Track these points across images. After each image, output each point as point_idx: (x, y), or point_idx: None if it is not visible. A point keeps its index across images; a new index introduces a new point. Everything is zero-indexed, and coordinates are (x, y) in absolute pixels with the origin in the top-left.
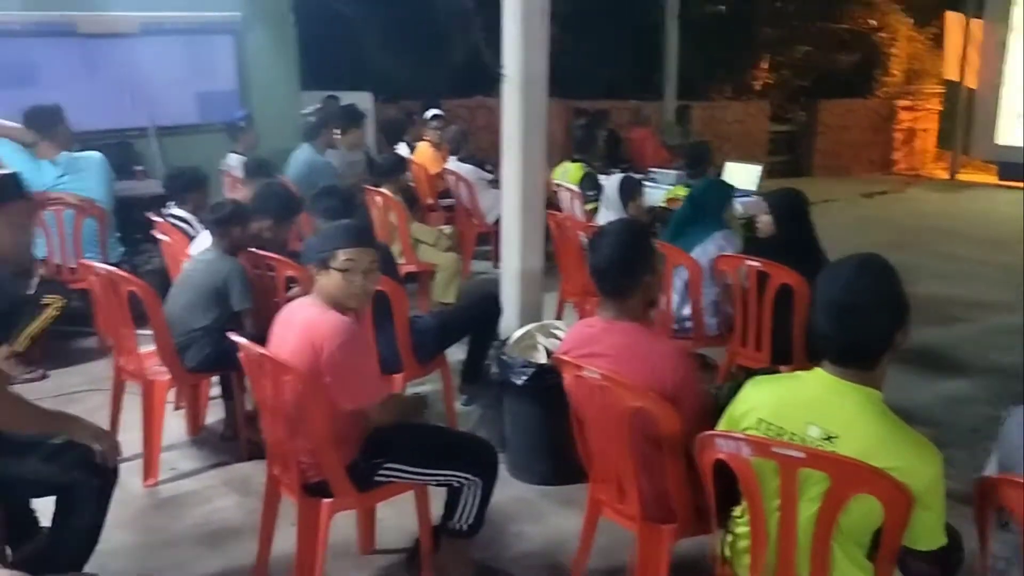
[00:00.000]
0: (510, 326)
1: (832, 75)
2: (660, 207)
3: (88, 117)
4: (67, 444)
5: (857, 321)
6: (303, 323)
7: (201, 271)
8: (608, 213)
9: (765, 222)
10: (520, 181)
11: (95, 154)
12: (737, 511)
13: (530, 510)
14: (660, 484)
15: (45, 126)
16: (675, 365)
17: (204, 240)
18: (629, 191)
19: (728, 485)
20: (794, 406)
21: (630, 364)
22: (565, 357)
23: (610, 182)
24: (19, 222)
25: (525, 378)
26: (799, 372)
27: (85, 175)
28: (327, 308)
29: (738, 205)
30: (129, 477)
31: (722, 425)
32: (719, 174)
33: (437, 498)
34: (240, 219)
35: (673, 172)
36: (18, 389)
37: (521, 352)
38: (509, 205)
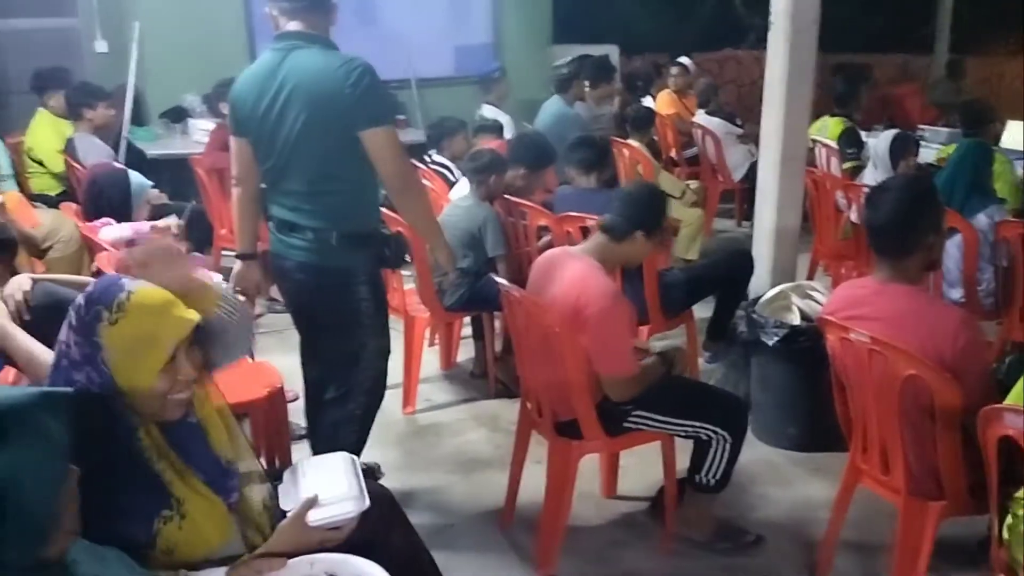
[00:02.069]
0: (761, 285)
1: None
2: (932, 165)
3: None
4: None
5: None
6: (570, 277)
7: (458, 216)
8: (875, 172)
9: None
10: (781, 134)
11: None
12: (1021, 492)
13: (777, 474)
14: (930, 458)
15: None
16: (956, 333)
17: (463, 186)
18: (902, 149)
19: (1009, 464)
20: None
21: (904, 329)
22: (830, 318)
23: (880, 139)
24: None
25: (777, 339)
26: None
27: None
28: (598, 269)
29: (1019, 168)
30: (390, 403)
31: (1010, 399)
32: (999, 135)
33: (683, 451)
34: (497, 168)
35: (944, 130)
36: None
37: (772, 312)
38: (767, 159)
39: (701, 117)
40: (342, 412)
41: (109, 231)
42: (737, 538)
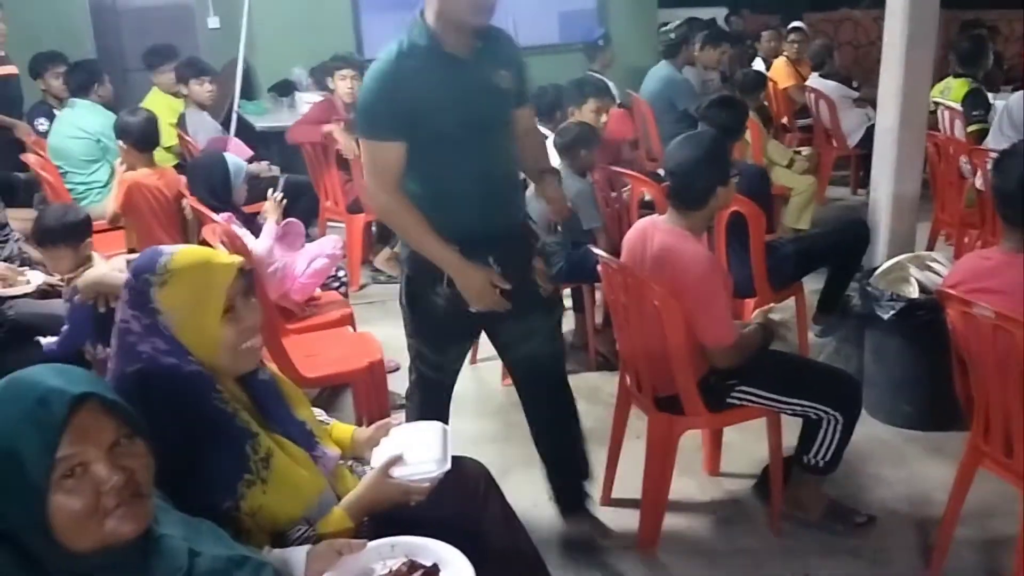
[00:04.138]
0: (877, 256)
1: None
2: None
3: None
4: None
5: None
6: (662, 247)
7: None
8: (1002, 136)
9: None
10: (900, 96)
11: None
12: None
13: (891, 453)
14: None
15: None
16: None
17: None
18: None
19: None
20: None
21: None
22: (951, 291)
23: (1010, 101)
24: None
25: (893, 312)
26: None
27: None
28: (688, 236)
29: None
30: (491, 375)
31: None
32: None
33: (789, 428)
34: (585, 142)
35: None
36: (395, 288)
37: (889, 285)
38: (885, 123)
39: (815, 80)
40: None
41: (260, 245)
42: (848, 519)
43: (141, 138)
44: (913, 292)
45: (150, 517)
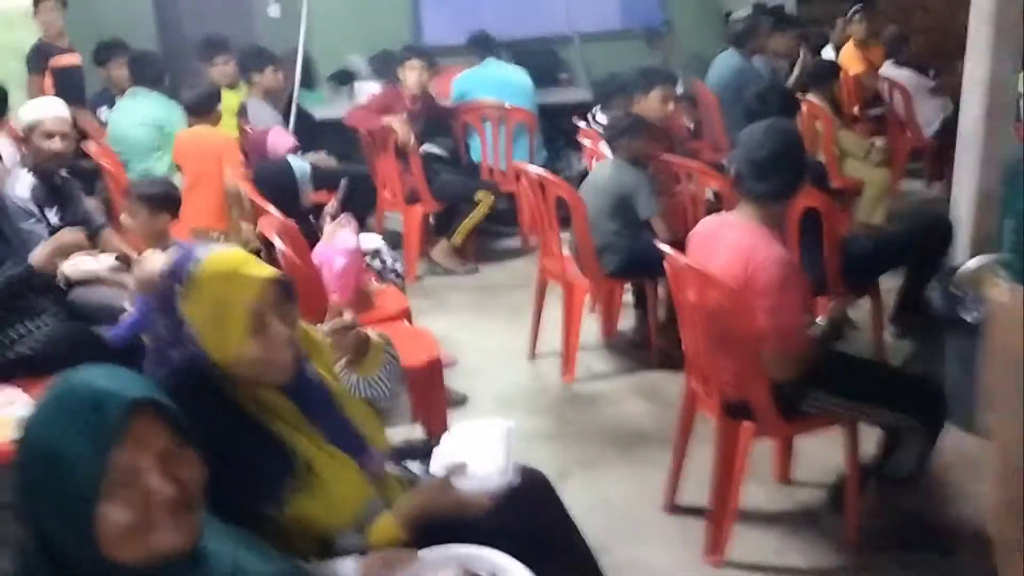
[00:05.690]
0: (959, 254)
1: None
2: None
3: (516, 26)
4: None
5: None
6: (735, 245)
7: (604, 178)
8: None
9: None
10: (987, 83)
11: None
12: None
13: (975, 466)
14: None
15: None
16: None
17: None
18: None
19: None
20: None
21: None
22: None
23: None
24: None
25: (978, 315)
26: None
27: (513, 85)
28: (764, 233)
29: None
30: (549, 371)
31: None
32: None
33: (866, 435)
34: (636, 131)
35: None
36: (451, 280)
37: (973, 285)
38: (969, 112)
39: (889, 68)
40: None
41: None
42: (927, 534)
43: (192, 104)
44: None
45: (200, 531)
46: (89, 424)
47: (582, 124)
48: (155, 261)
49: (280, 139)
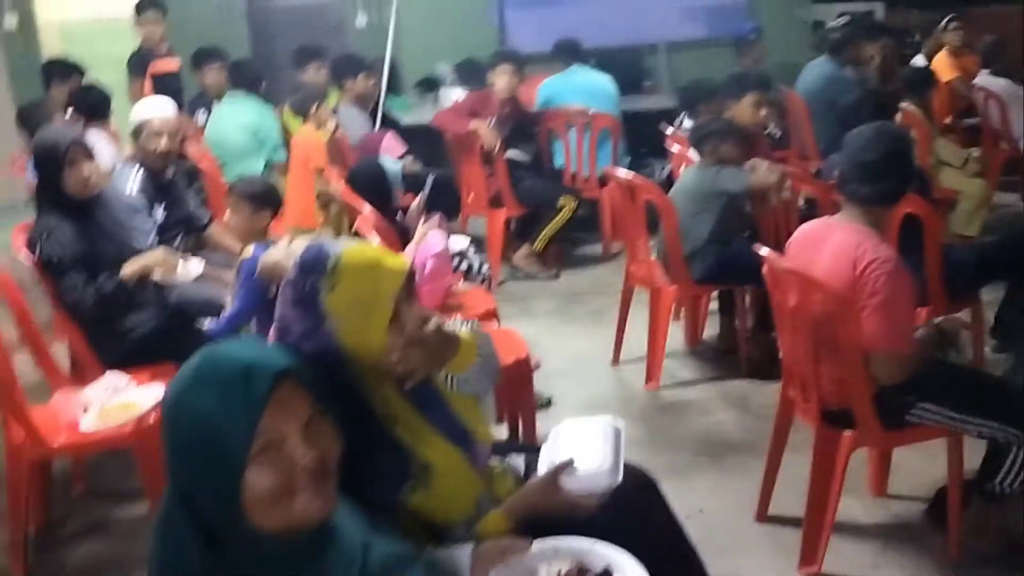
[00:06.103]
0: None
1: None
2: None
3: (603, 34)
4: None
5: None
6: (841, 247)
7: (691, 182)
8: None
9: None
10: None
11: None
12: None
13: None
14: None
15: None
16: None
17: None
18: None
19: None
20: None
21: None
22: None
23: None
24: None
25: None
26: None
27: (598, 91)
28: (873, 235)
29: None
30: (634, 377)
31: None
32: None
33: (970, 449)
34: (724, 134)
35: None
36: (533, 285)
37: None
38: None
39: (984, 78)
40: None
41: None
42: None
43: (296, 107)
44: None
45: (336, 500)
46: (240, 393)
47: (669, 130)
48: (281, 250)
49: (393, 144)
